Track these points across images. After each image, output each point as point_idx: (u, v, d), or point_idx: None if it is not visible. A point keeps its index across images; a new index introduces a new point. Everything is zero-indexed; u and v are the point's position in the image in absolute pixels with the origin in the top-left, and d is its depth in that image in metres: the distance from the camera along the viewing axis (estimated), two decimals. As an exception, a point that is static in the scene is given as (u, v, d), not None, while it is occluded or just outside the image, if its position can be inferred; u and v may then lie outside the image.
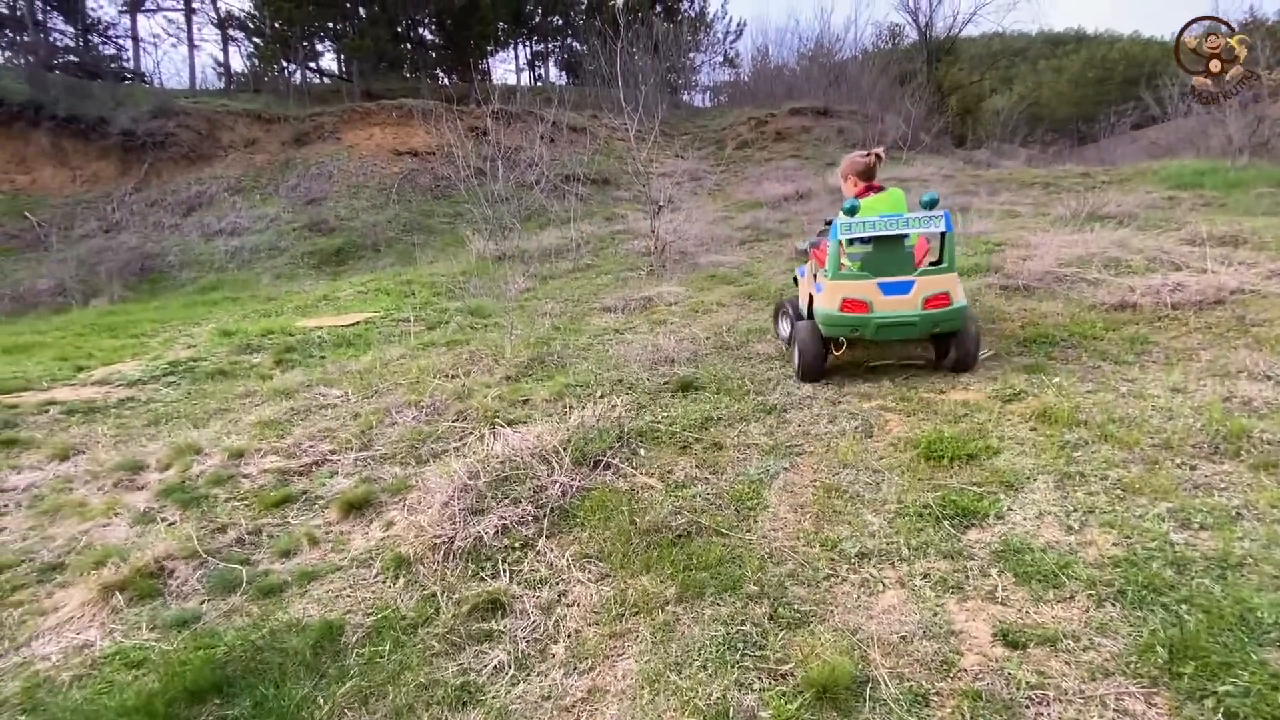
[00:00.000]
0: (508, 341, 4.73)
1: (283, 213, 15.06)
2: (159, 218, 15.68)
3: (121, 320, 8.86)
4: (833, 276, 3.42)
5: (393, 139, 17.37)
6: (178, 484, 3.07)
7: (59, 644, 2.06)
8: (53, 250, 14.61)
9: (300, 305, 7.91)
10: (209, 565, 2.40)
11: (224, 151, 17.31)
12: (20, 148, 17.12)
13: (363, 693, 1.77)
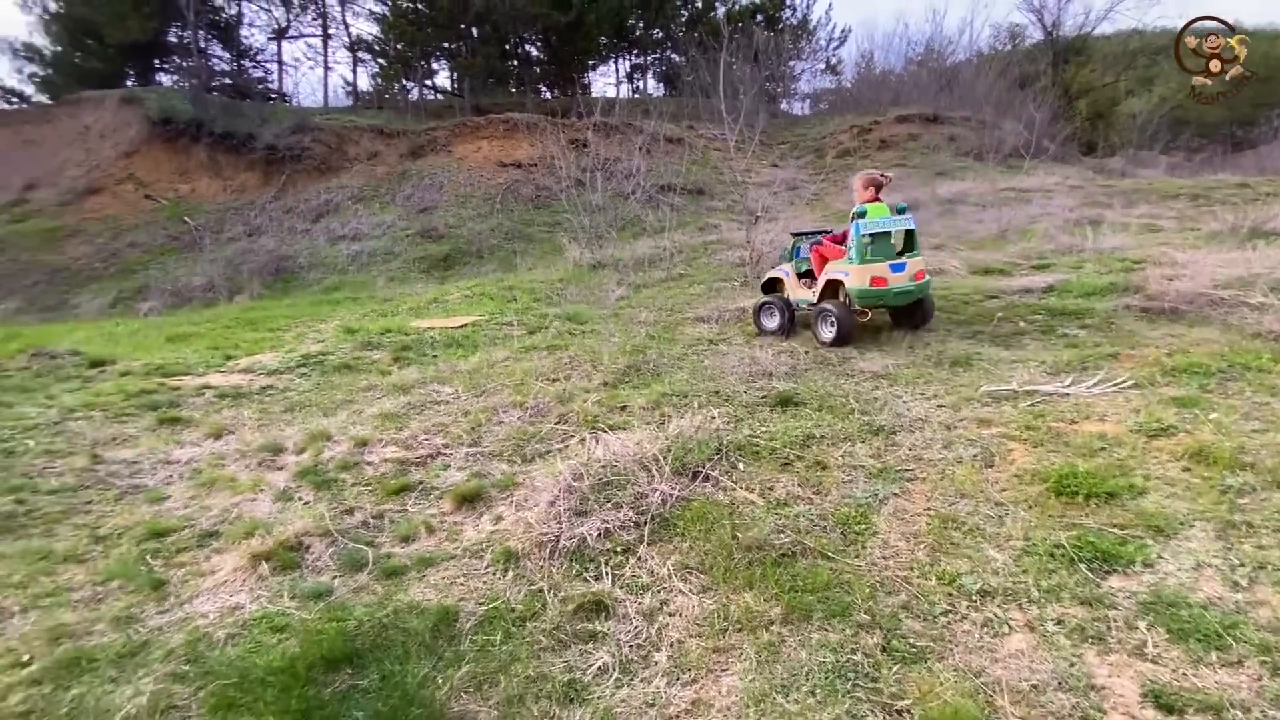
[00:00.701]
0: (606, 348, 4.83)
1: (398, 220, 16.23)
2: (293, 223, 17.34)
3: (260, 315, 9.86)
4: (860, 261, 4.54)
5: (498, 151, 18.29)
6: (311, 467, 3.37)
7: (215, 604, 2.32)
8: (205, 251, 16.49)
9: (413, 307, 8.47)
10: (339, 544, 2.62)
11: (350, 163, 18.91)
12: (183, 161, 19.53)
13: (477, 679, 1.86)
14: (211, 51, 25.46)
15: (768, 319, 5.24)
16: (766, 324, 5.23)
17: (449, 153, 18.68)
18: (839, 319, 4.61)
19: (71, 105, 21.30)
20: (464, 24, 22.77)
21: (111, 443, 3.92)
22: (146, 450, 3.79)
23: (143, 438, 4.02)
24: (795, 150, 18.76)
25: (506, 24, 22.55)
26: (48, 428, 4.22)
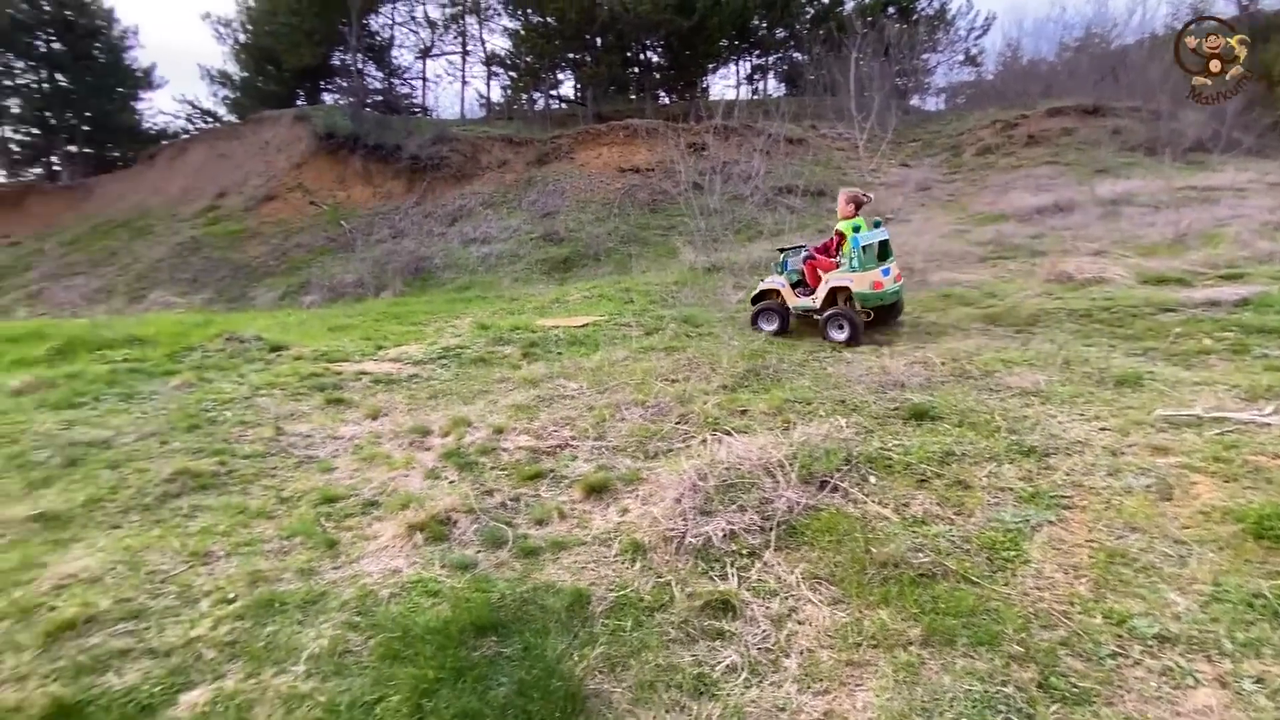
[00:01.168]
0: (724, 352, 4.83)
1: (523, 224, 17.17)
2: (431, 227, 18.88)
3: (403, 310, 10.83)
4: (861, 268, 5.35)
5: (618, 157, 18.81)
6: (455, 449, 3.67)
7: (378, 565, 2.60)
8: (357, 251, 18.34)
9: (537, 306, 8.94)
10: (482, 521, 2.83)
11: (482, 171, 20.28)
12: (341, 170, 21.88)
13: (610, 660, 1.95)
14: (367, 72, 28.36)
15: (766, 323, 6.04)
16: (765, 326, 6.02)
17: (571, 159, 19.48)
18: (851, 320, 5.37)
19: (255, 123, 24.55)
20: (589, 34, 23.65)
21: (290, 417, 4.50)
22: (318, 426, 4.31)
23: (314, 414, 4.57)
24: (928, 149, 17.63)
25: (630, 32, 23.13)
26: (240, 402, 4.92)
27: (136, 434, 4.18)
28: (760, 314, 6.13)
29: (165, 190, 23.62)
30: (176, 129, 29.66)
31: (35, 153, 28.83)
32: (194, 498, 3.30)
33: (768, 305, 6.14)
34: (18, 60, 26.02)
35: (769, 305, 6.13)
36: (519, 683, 1.84)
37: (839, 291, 5.57)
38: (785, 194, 13.90)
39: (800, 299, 5.90)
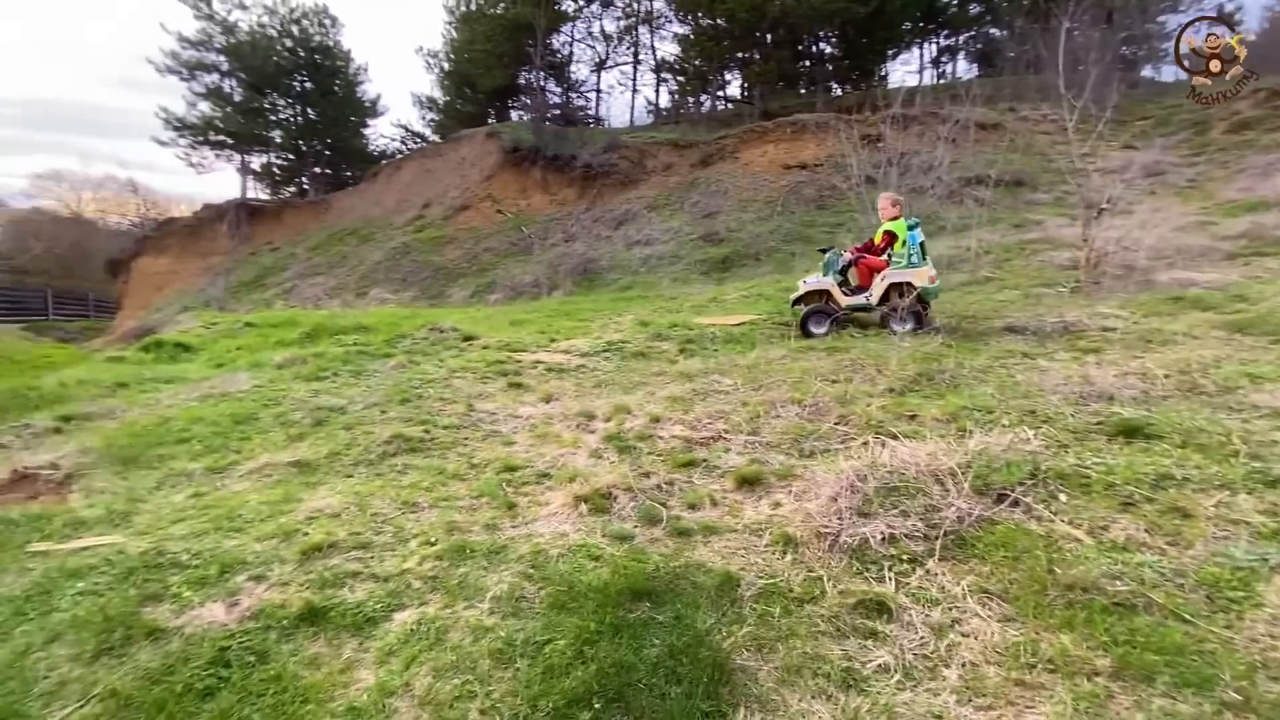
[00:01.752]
0: (893, 354, 4.58)
1: (684, 226, 17.53)
2: (599, 231, 20.02)
3: (572, 308, 11.66)
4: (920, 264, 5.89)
5: (784, 154, 18.42)
6: (615, 433, 3.93)
7: (549, 528, 2.90)
8: (534, 255, 20.00)
9: (694, 305, 9.12)
10: (639, 499, 3.02)
11: (647, 176, 21.04)
12: (523, 180, 23.98)
13: (757, 641, 1.99)
14: (548, 88, 30.78)
15: (817, 326, 6.14)
16: (816, 330, 6.11)
17: (735, 159, 19.47)
18: (917, 313, 5.79)
19: (454, 142, 27.78)
20: (759, 32, 23.40)
21: (479, 397, 5.12)
22: (501, 405, 4.85)
23: (498, 395, 5.15)
24: (1163, 127, 14.90)
25: (802, 25, 22.49)
26: (440, 381, 5.69)
27: (364, 403, 5.04)
28: (810, 317, 6.18)
29: (384, 203, 27.68)
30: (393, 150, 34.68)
31: (290, 174, 35.39)
32: (405, 458, 3.91)
33: (818, 308, 6.23)
34: (280, 99, 32.19)
35: (819, 308, 6.23)
36: (670, 646, 1.96)
37: (897, 287, 5.94)
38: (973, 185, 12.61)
39: (851, 298, 6.17)
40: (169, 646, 2.13)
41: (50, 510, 3.15)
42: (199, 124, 30.66)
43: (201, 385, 5.79)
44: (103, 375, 6.44)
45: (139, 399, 5.40)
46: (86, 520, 3.05)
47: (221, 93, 30.66)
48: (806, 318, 6.21)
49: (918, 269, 5.90)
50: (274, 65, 30.58)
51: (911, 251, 5.93)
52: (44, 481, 3.54)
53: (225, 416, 4.66)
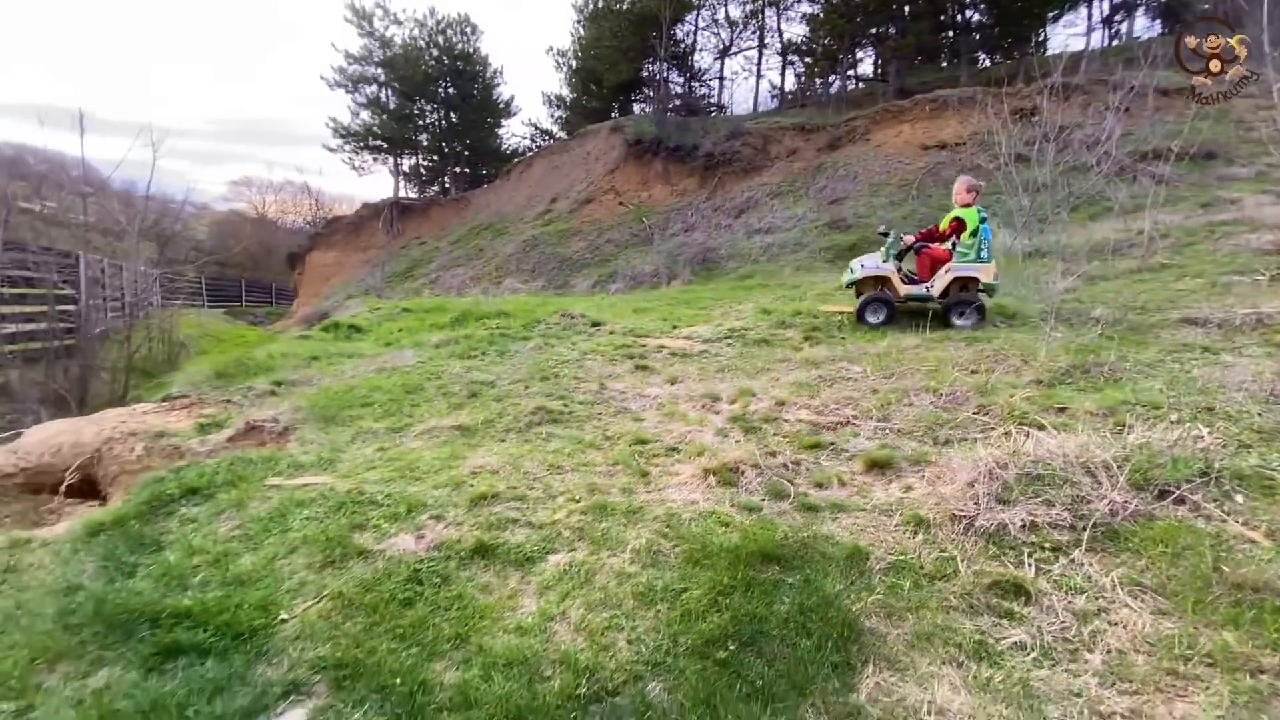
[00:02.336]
0: (1042, 344, 4.30)
1: (808, 212, 17.06)
2: (719, 220, 20.00)
3: (692, 296, 11.85)
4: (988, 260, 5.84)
5: (921, 133, 17.30)
6: (740, 415, 4.07)
7: (679, 495, 3.12)
8: (654, 245, 20.37)
9: (819, 293, 8.94)
10: (766, 475, 3.16)
11: (771, 162, 20.65)
12: (645, 172, 24.44)
13: (886, 608, 2.08)
14: (671, 79, 31.01)
15: (874, 315, 6.05)
16: (873, 319, 6.04)
17: (867, 141, 18.58)
18: (980, 306, 5.73)
19: (580, 137, 28.86)
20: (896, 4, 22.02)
21: (609, 377, 5.47)
22: (629, 385, 5.16)
23: (626, 376, 5.47)
24: None
25: (945, -6, 20.85)
26: (573, 363, 6.13)
27: (509, 379, 5.58)
28: (868, 305, 6.05)
29: (515, 199, 29.45)
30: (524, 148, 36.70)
31: (435, 174, 38.61)
32: (548, 428, 4.32)
33: (876, 296, 6.06)
34: (427, 105, 35.17)
35: (878, 295, 6.06)
36: (799, 604, 2.10)
37: (960, 281, 5.80)
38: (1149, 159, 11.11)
39: (910, 287, 5.97)
40: (375, 565, 2.60)
41: (276, 454, 3.89)
42: (360, 131, 34.40)
43: (375, 360, 6.68)
44: (299, 350, 7.61)
45: (329, 369, 6.35)
46: (303, 464, 3.73)
47: (379, 102, 34.12)
48: (864, 306, 6.07)
49: (985, 264, 5.77)
50: (422, 74, 33.48)
51: (983, 244, 5.81)
52: (268, 432, 4.35)
53: (398, 386, 5.37)
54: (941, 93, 17.64)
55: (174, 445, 4.23)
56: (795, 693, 1.75)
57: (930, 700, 1.69)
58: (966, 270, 5.78)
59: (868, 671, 1.82)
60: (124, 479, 4.16)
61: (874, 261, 6.22)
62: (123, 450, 4.26)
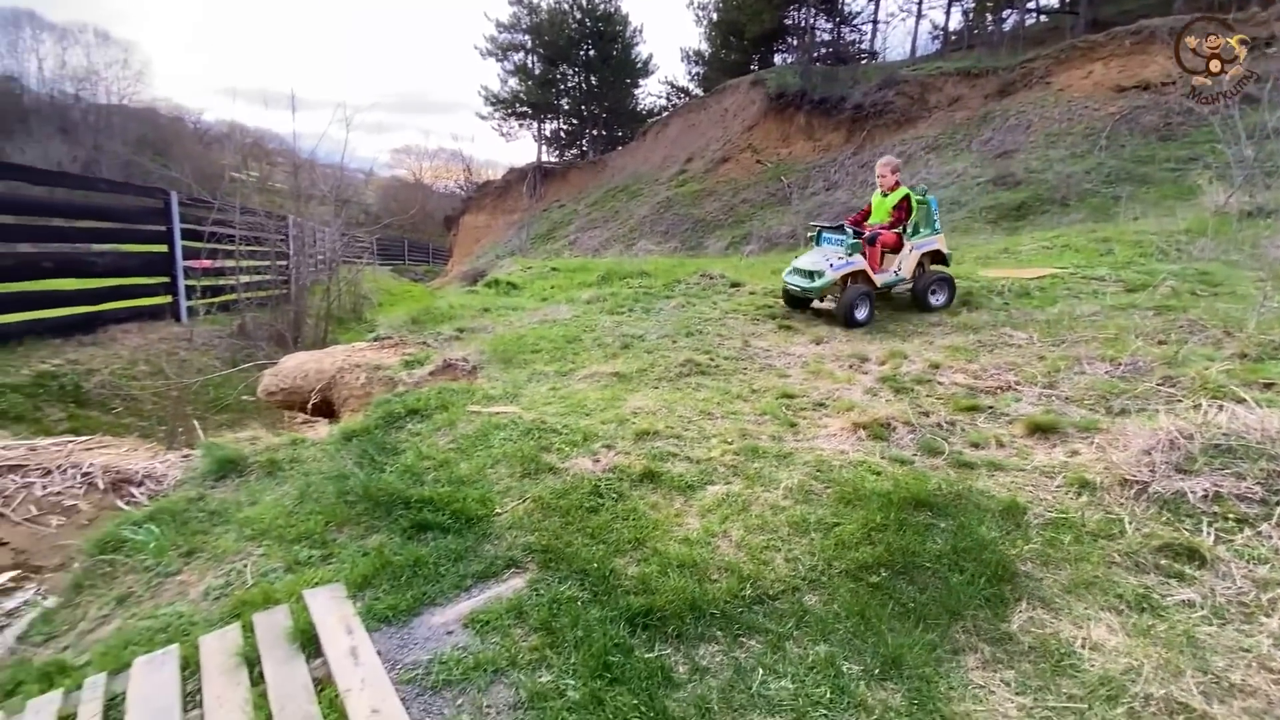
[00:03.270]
0: (1254, 315, 3.85)
1: (970, 168, 15.61)
2: (865, 177, 18.89)
3: (834, 257, 11.51)
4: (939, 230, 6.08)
5: (1116, 73, 15.04)
6: (891, 376, 4.11)
7: (829, 445, 3.30)
8: (792, 205, 19.78)
9: (979, 256, 8.36)
10: (918, 433, 3.24)
11: (929, 113, 19.02)
12: (786, 127, 23.54)
13: (1044, 558, 2.16)
14: (818, 25, 29.21)
15: (860, 311, 5.59)
16: (860, 315, 5.59)
17: (1046, 84, 16.50)
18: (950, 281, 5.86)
19: (718, 94, 28.28)
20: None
21: (752, 335, 5.66)
22: (773, 344, 5.32)
23: (769, 335, 5.63)
24: None
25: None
26: (716, 320, 6.38)
27: (657, 334, 5.96)
28: (856, 303, 5.57)
29: (651, 160, 29.71)
30: (659, 108, 36.68)
31: (574, 137, 39.85)
32: (696, 379, 4.64)
33: (861, 290, 5.61)
34: (569, 69, 36.15)
35: (862, 290, 5.63)
36: (953, 545, 2.24)
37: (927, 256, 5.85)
38: None
39: (884, 275, 5.76)
40: (563, 479, 3.09)
41: (471, 387, 4.58)
42: (508, 98, 36.30)
43: (536, 313, 7.39)
44: (472, 303, 8.59)
45: (499, 320, 7.15)
46: (493, 396, 4.37)
47: (525, 69, 35.69)
48: (853, 305, 5.56)
49: (939, 234, 5.89)
50: (565, 38, 34.41)
51: (934, 217, 5.86)
52: (460, 369, 5.09)
53: (559, 336, 5.97)
54: (1147, 23, 15.12)
55: (388, 376, 5.11)
56: (947, 616, 1.93)
57: (1085, 637, 1.79)
58: (929, 244, 5.82)
59: (1020, 607, 1.95)
60: (351, 401, 5.12)
61: (835, 258, 5.73)
62: (350, 378, 5.22)
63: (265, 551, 2.61)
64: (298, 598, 2.23)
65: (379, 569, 2.37)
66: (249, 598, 2.28)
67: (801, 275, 5.89)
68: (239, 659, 1.95)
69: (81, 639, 2.38)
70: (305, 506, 2.96)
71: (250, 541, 2.70)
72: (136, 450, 4.64)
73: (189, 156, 31.23)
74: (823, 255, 5.85)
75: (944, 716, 1.58)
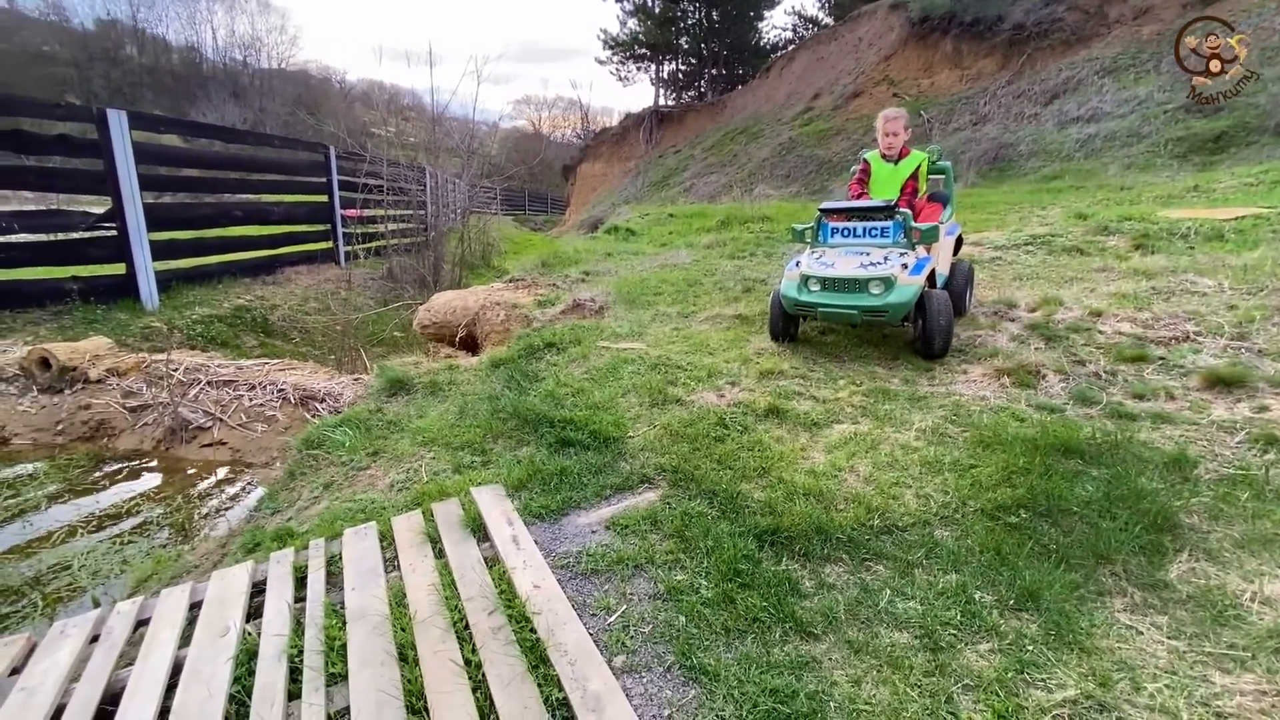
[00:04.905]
0: None
1: (1155, 93, 13.39)
2: (1020, 108, 16.81)
3: (977, 200, 10.52)
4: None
5: (1374, -37, 12.02)
6: (1042, 323, 3.81)
7: (968, 391, 3.17)
8: (931, 142, 18.06)
9: (1160, 195, 7.31)
10: (1072, 381, 3.02)
11: (1107, 29, 16.38)
12: (929, 56, 21.31)
13: (1213, 512, 2.00)
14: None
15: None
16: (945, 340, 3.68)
17: (1269, -15, 13.56)
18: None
19: (851, 22, 26.02)
20: None
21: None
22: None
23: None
24: None
25: None
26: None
27: (777, 278, 5.88)
28: (947, 314, 3.54)
29: (773, 98, 28.22)
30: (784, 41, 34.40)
31: (692, 78, 38.55)
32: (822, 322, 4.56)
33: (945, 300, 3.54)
34: (689, 5, 34.69)
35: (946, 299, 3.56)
36: (1105, 493, 2.13)
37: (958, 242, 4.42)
38: None
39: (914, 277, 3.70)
40: (689, 410, 3.24)
41: (599, 324, 4.84)
42: (626, 40, 35.72)
43: (656, 258, 7.53)
44: (595, 248, 8.90)
45: (621, 264, 7.38)
46: (620, 333, 4.60)
47: (644, 8, 34.80)
48: (950, 318, 3.54)
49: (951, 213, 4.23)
50: (686, -30, 33.00)
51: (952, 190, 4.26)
52: (588, 309, 5.37)
53: (680, 280, 6.07)
54: None
55: (524, 314, 5.51)
56: (1094, 559, 1.87)
57: (1255, 590, 1.67)
58: (955, 228, 4.35)
59: (1181, 558, 1.84)
60: (492, 336, 5.60)
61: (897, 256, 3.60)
62: (491, 315, 5.69)
63: (435, 455, 3.02)
64: (466, 493, 2.58)
65: (530, 475, 2.67)
66: (426, 490, 2.67)
67: (846, 290, 3.60)
68: (424, 536, 2.32)
69: (299, 513, 2.92)
70: (465, 420, 3.36)
71: (422, 447, 3.13)
72: (316, 373, 5.42)
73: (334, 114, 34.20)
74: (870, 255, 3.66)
75: (1084, 649, 1.57)
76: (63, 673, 1.81)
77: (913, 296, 3.44)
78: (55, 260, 5.80)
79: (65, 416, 4.53)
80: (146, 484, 3.86)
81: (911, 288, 3.45)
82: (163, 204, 7.66)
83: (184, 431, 4.43)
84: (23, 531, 3.29)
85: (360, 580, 2.09)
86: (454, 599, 1.94)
